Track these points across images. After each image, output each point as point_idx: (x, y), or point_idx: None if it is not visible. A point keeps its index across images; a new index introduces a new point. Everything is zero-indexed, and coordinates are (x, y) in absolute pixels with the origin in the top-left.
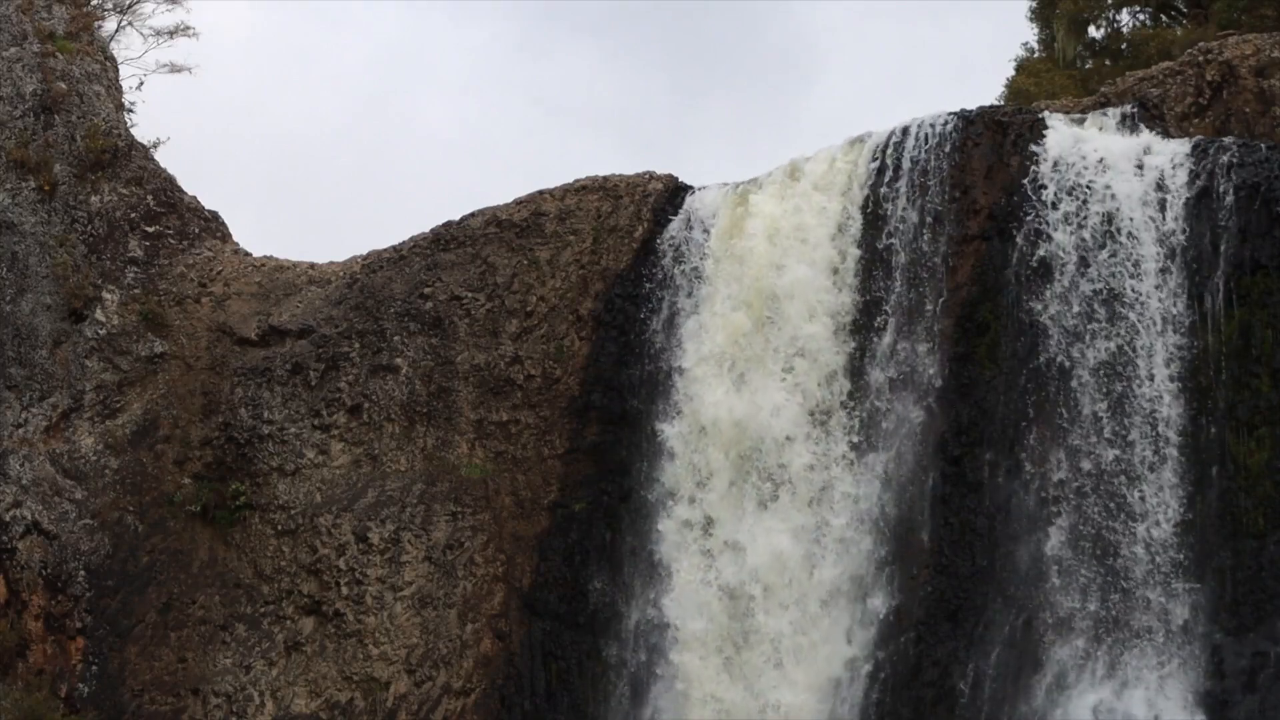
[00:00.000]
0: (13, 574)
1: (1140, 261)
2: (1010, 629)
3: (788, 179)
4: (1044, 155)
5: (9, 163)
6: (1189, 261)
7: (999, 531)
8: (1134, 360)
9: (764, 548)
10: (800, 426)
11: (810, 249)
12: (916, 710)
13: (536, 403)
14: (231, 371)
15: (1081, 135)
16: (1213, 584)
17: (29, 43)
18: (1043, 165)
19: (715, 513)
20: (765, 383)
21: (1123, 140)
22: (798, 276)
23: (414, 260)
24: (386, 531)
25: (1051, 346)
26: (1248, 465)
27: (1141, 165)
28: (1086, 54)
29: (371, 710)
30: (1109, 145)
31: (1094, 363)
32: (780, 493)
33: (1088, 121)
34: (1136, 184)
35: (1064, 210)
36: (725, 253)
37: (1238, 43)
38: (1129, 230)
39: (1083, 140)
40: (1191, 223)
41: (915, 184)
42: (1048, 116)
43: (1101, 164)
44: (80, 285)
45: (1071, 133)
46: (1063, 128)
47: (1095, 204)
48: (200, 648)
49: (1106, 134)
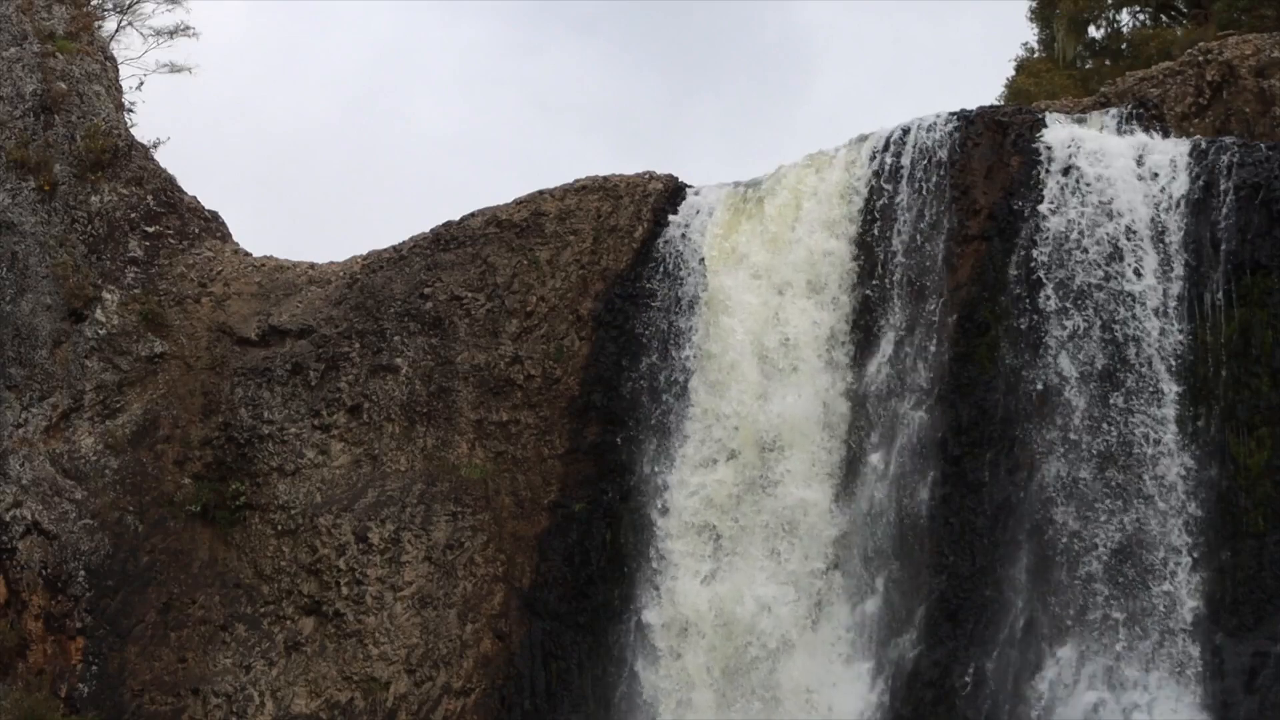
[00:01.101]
0: (13, 574)
1: (1140, 261)
2: (1010, 629)
3: (787, 179)
4: (1044, 155)
5: (9, 163)
6: (1189, 261)
7: (999, 531)
8: (1134, 360)
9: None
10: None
11: (809, 249)
12: (916, 710)
13: (536, 403)
14: (231, 371)
15: (1081, 135)
16: (1213, 584)
17: (29, 43)
18: (1043, 165)
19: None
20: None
21: (1123, 140)
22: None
23: (414, 260)
24: (386, 531)
25: (1051, 346)
26: (1248, 465)
27: (1141, 165)
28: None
29: (371, 710)
30: (1109, 145)
31: (1094, 362)
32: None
33: (1088, 121)
34: (1136, 184)
35: (1064, 210)
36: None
37: (1238, 43)
38: (1129, 230)
39: (1083, 140)
40: (1191, 223)
41: (915, 184)
42: (1048, 116)
43: (1101, 164)
44: (80, 285)
45: (1071, 133)
46: (1063, 128)
47: (1095, 204)
48: (200, 648)
49: (1106, 134)
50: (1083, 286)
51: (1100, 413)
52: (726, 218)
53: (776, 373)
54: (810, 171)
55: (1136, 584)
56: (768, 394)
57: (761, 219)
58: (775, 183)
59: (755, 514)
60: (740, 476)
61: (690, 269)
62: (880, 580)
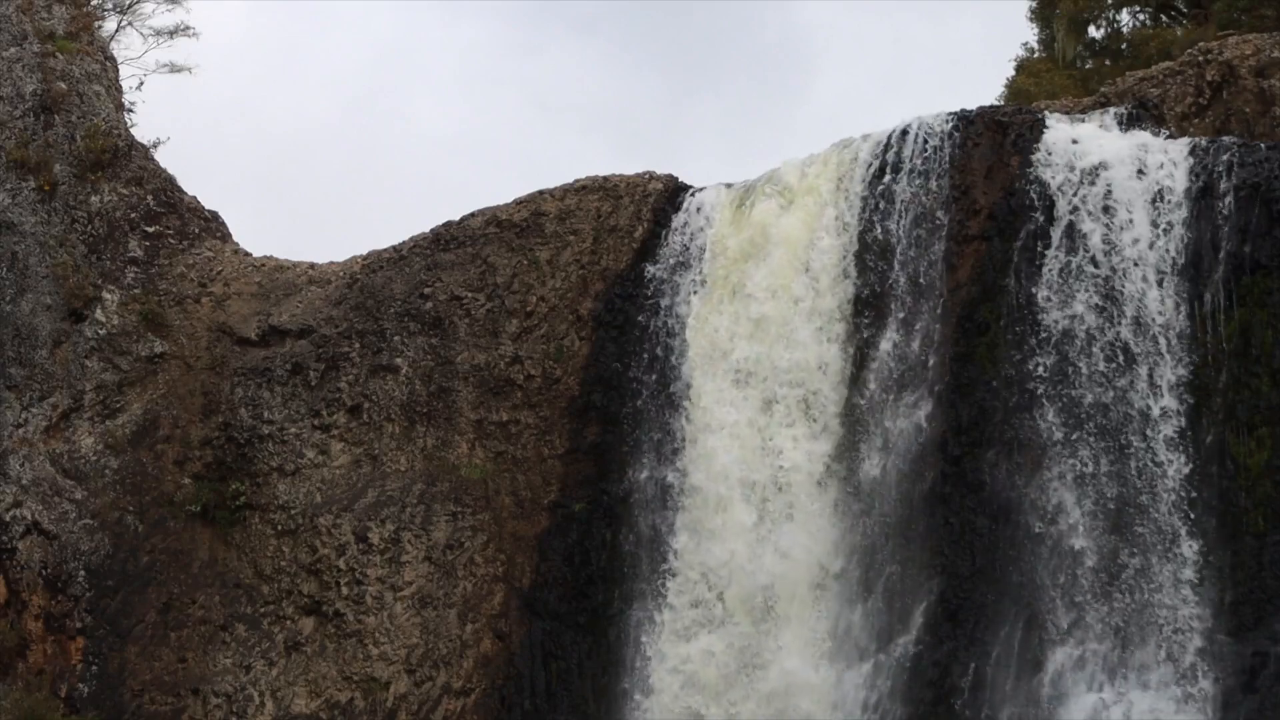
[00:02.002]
0: (13, 574)
1: (1140, 261)
2: (1010, 629)
3: (787, 179)
4: (1044, 155)
5: (9, 163)
6: (1189, 261)
7: (999, 531)
8: (1134, 359)
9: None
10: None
11: (809, 249)
12: (916, 710)
13: (536, 403)
14: (231, 371)
15: (1082, 135)
16: (1213, 584)
17: (29, 43)
18: (1043, 165)
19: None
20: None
21: (1123, 140)
22: (797, 277)
23: (414, 260)
24: (386, 531)
25: (1051, 346)
26: (1248, 465)
27: (1141, 165)
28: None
29: (371, 710)
30: (1109, 145)
31: (1094, 362)
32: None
33: (1088, 121)
34: (1136, 184)
35: (1064, 210)
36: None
37: (1238, 43)
38: (1129, 230)
39: (1083, 140)
40: (1191, 223)
41: (915, 184)
42: (1048, 116)
43: (1101, 164)
44: (80, 285)
45: (1071, 133)
46: (1063, 128)
47: (1095, 204)
48: (200, 648)
49: (1107, 134)
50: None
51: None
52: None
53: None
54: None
55: (1136, 584)
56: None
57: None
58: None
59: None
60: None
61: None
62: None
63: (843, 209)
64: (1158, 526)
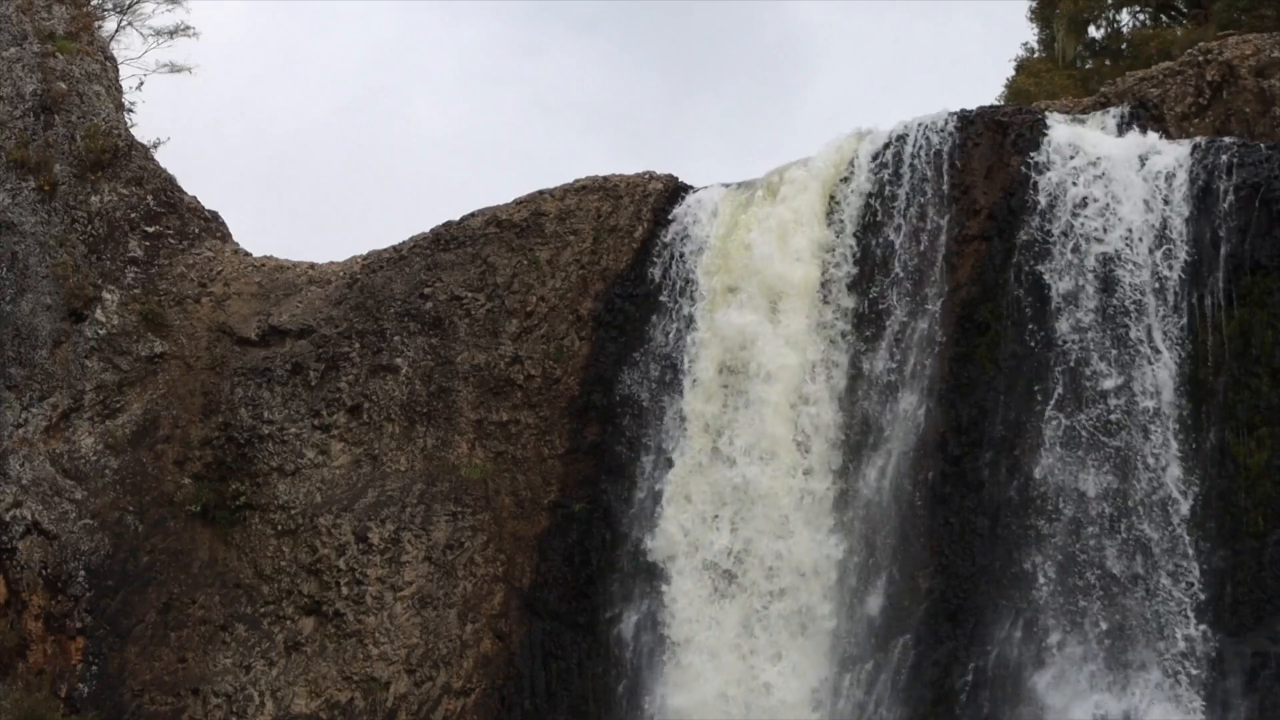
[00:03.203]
0: (13, 574)
1: (1140, 261)
2: (1010, 629)
3: (787, 179)
4: (1044, 155)
5: (9, 163)
6: (1189, 261)
7: (999, 531)
8: (1133, 359)
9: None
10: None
11: (810, 249)
12: (916, 710)
13: (536, 403)
14: (231, 371)
15: (1081, 135)
16: (1213, 584)
17: (29, 43)
18: (1043, 165)
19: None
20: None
21: (1122, 140)
22: (797, 277)
23: (414, 260)
24: (386, 531)
25: (1051, 346)
26: (1248, 465)
27: (1141, 165)
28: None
29: (371, 710)
30: (1109, 145)
31: (1093, 361)
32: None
33: (1088, 122)
34: (1136, 184)
35: (1064, 210)
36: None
37: (1238, 43)
38: (1128, 230)
39: (1082, 140)
40: (1191, 223)
41: (915, 184)
42: (1048, 116)
43: (1101, 164)
44: (80, 285)
45: (1071, 133)
46: (1063, 128)
47: (1095, 204)
48: (200, 648)
49: (1106, 134)
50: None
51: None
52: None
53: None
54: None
55: (1136, 584)
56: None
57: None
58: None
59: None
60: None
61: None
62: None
63: (842, 209)
64: (1158, 526)
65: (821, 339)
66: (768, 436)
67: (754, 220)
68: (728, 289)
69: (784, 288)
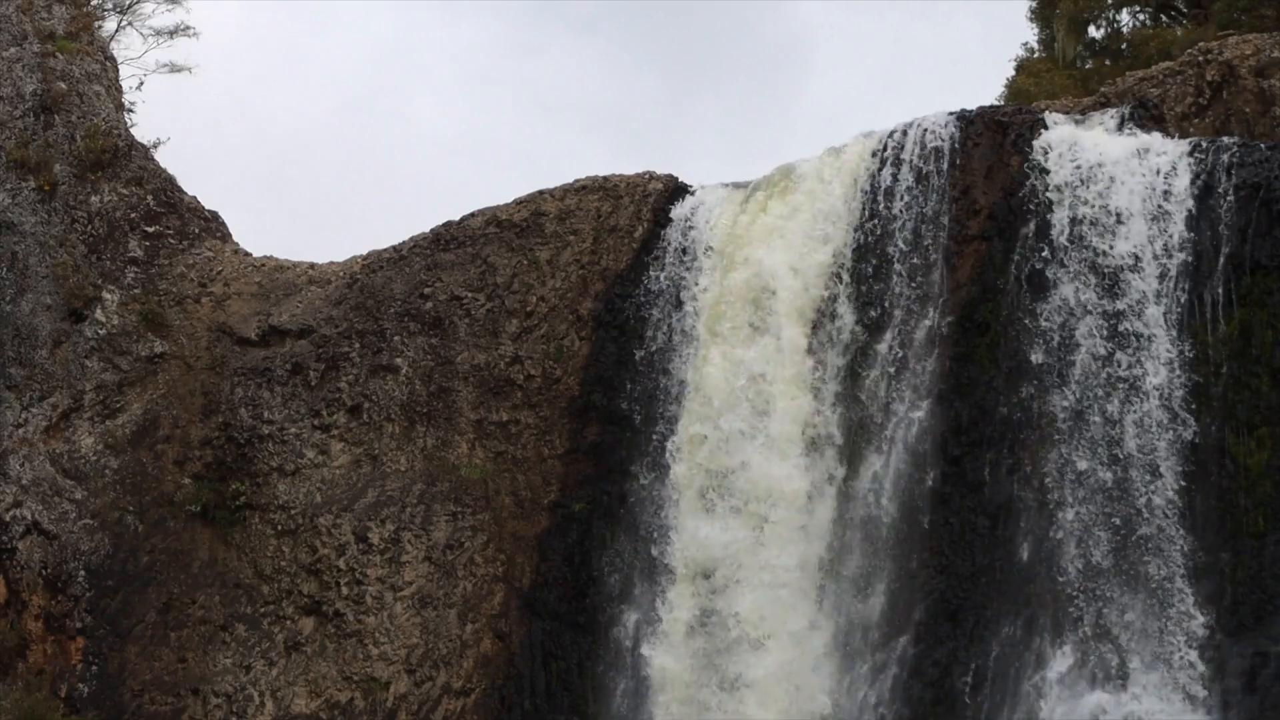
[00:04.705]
0: (13, 574)
1: (1140, 261)
2: (1010, 629)
3: (787, 179)
4: (1044, 155)
5: (9, 163)
6: (1189, 261)
7: (999, 531)
8: (1133, 359)
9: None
10: None
11: (810, 250)
12: (916, 710)
13: (536, 403)
14: (231, 371)
15: (1081, 135)
16: (1213, 584)
17: (29, 43)
18: (1043, 165)
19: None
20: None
21: (1123, 140)
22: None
23: (414, 260)
24: (386, 531)
25: (1051, 346)
26: (1248, 465)
27: (1141, 165)
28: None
29: (371, 710)
30: (1109, 145)
31: (1093, 362)
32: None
33: (1088, 121)
34: (1136, 184)
35: (1063, 210)
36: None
37: (1238, 43)
38: (1128, 230)
39: (1082, 140)
40: (1191, 223)
41: (915, 184)
42: (1048, 116)
43: (1101, 164)
44: (80, 285)
45: (1071, 133)
46: (1063, 128)
47: (1095, 204)
48: (200, 648)
49: (1106, 134)
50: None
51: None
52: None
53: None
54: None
55: (1136, 584)
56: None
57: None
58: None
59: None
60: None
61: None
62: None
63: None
64: (1158, 526)
65: (821, 339)
66: (768, 436)
67: (754, 220)
68: (728, 289)
69: (784, 287)
